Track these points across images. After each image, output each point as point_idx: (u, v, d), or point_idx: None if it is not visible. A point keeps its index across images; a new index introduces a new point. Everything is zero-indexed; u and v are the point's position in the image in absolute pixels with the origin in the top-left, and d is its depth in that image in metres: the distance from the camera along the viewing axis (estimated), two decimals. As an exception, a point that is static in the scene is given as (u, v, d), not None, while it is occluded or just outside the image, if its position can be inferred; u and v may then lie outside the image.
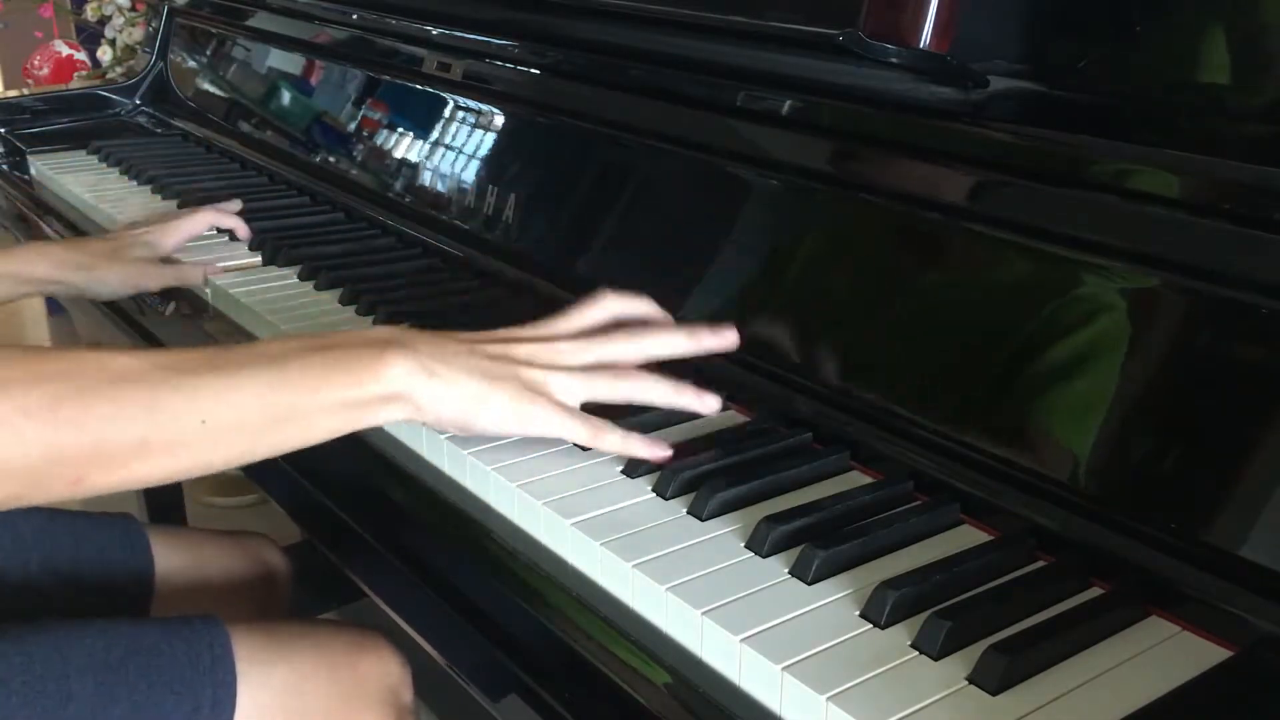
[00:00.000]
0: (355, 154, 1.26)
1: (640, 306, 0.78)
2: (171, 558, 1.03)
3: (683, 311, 0.84)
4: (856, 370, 0.73)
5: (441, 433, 0.76)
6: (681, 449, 0.73)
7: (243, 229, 1.19)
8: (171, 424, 0.63)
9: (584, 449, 0.74)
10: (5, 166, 1.56)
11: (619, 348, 0.75)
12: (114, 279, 1.07)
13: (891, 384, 0.71)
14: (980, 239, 0.69)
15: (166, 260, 1.12)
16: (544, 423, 0.72)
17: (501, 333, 0.75)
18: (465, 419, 0.71)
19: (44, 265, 1.06)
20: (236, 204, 1.22)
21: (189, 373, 0.65)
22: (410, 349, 0.69)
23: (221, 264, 1.10)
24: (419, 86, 1.21)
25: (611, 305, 0.78)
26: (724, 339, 0.77)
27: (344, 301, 1.01)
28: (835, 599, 0.59)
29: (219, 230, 1.19)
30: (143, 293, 1.10)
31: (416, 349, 0.70)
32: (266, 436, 0.67)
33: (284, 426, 0.67)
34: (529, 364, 0.72)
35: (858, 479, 0.72)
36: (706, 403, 0.76)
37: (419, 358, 0.69)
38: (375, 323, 0.95)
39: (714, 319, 0.81)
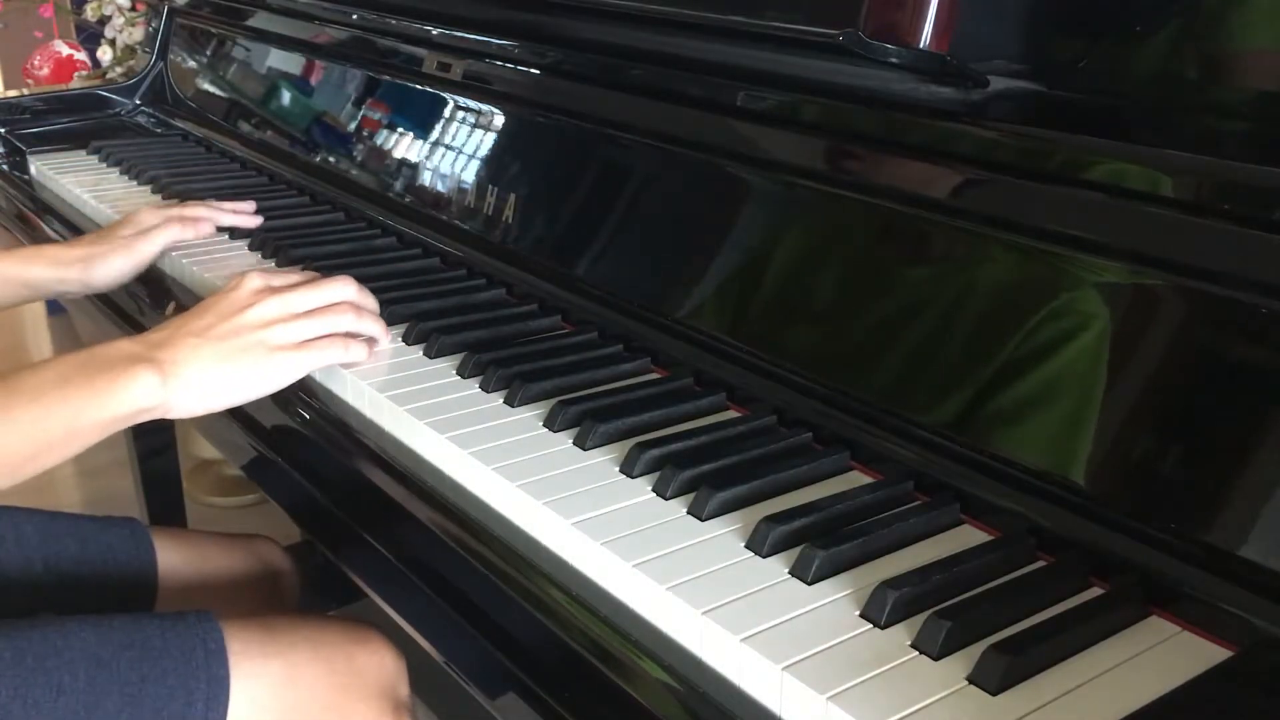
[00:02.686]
0: (355, 154, 1.26)
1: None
2: (175, 559, 1.03)
3: (684, 312, 0.84)
4: (857, 370, 0.73)
5: (442, 431, 0.76)
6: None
7: (207, 229, 1.15)
8: None
9: (582, 448, 0.74)
10: (5, 166, 1.55)
11: (332, 289, 0.86)
12: (117, 259, 1.06)
13: (892, 383, 0.71)
14: (980, 239, 0.69)
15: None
16: (292, 372, 0.82)
17: (228, 303, 0.83)
18: (215, 403, 0.80)
19: (41, 264, 1.05)
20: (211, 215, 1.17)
21: None
22: (151, 361, 0.77)
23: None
24: (419, 86, 1.21)
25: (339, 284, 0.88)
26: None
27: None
28: (835, 599, 0.59)
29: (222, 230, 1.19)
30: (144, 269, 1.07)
31: (157, 359, 0.78)
32: (39, 459, 0.76)
33: (52, 449, 0.76)
34: (262, 324, 0.81)
35: (858, 479, 0.72)
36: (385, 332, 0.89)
37: (161, 365, 0.77)
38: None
39: (714, 318, 0.81)
